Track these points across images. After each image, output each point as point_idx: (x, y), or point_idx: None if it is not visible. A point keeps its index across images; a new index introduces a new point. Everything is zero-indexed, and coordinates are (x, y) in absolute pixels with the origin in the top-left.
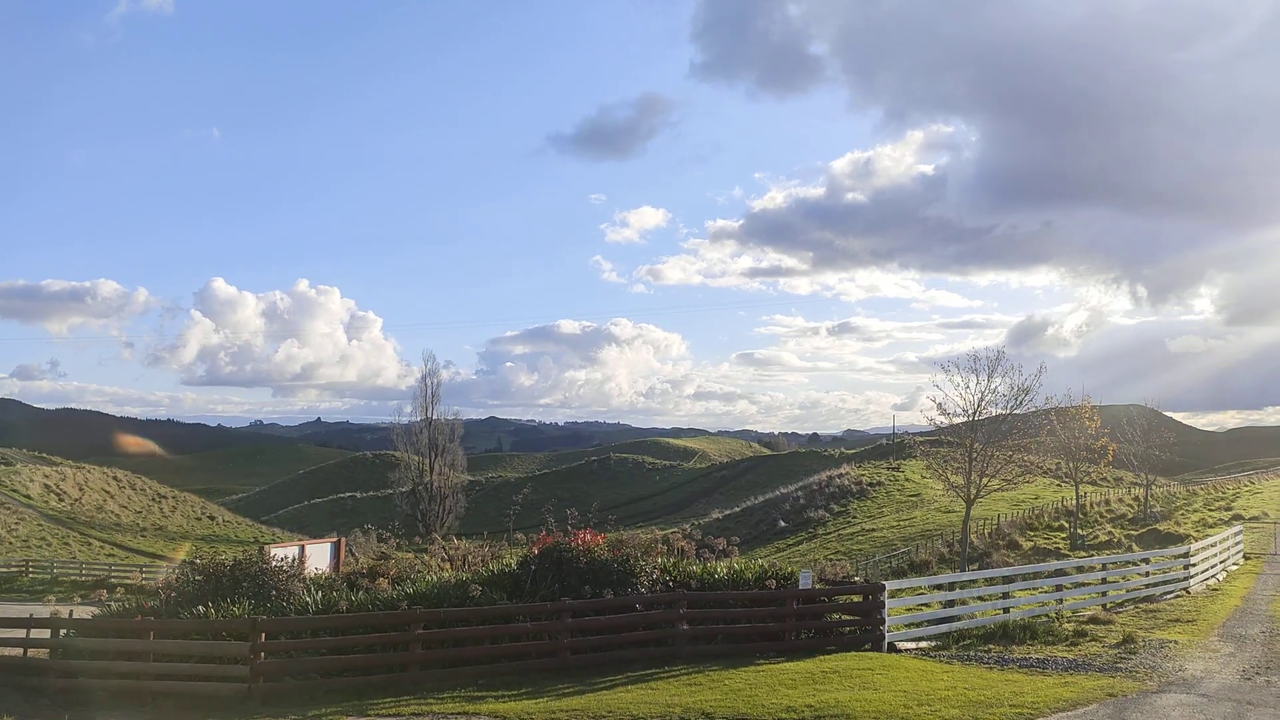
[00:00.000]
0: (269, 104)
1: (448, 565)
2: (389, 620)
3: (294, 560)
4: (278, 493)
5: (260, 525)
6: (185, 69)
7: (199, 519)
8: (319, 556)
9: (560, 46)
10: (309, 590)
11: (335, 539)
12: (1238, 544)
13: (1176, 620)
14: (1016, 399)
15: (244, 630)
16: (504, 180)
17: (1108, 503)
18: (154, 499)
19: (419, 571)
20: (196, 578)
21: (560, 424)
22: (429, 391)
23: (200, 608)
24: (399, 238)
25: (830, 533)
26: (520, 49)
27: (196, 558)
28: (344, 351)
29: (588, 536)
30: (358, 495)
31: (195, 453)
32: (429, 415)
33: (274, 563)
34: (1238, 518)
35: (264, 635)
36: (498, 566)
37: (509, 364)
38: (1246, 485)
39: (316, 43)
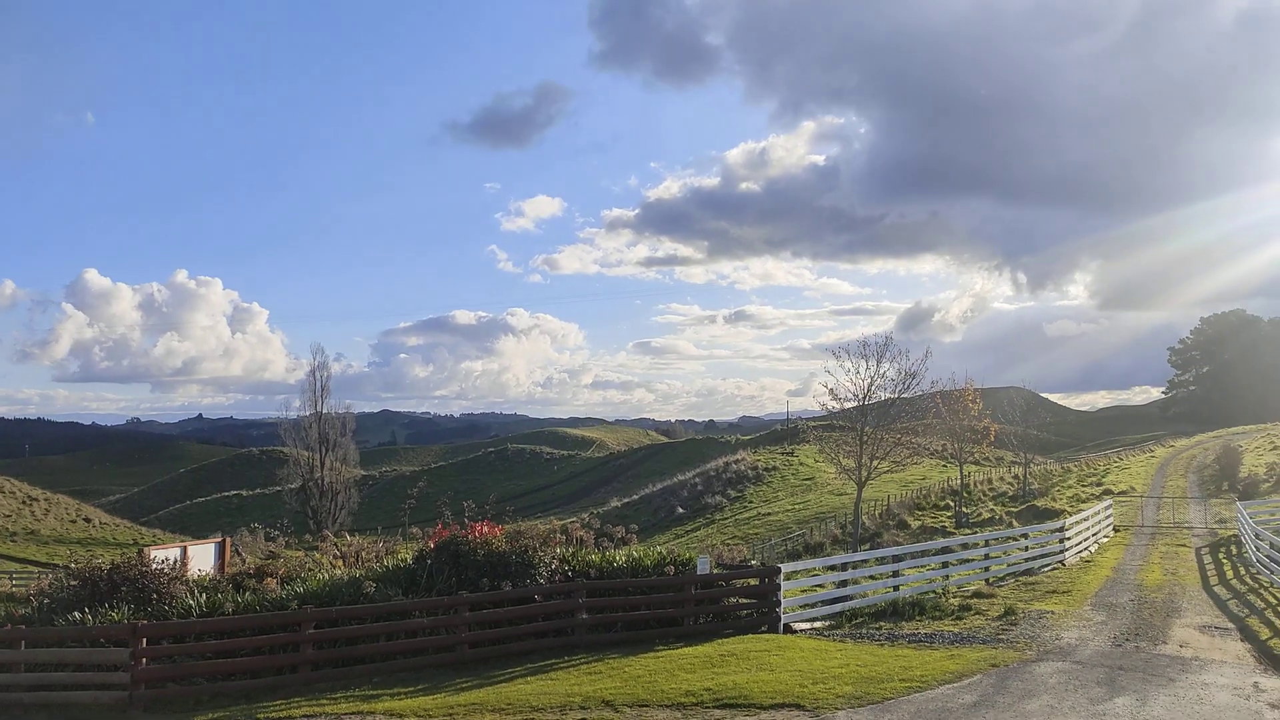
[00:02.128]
0: (147, 88)
1: (340, 563)
2: (278, 621)
3: (176, 562)
4: (158, 493)
5: (140, 527)
6: (58, 52)
7: (74, 522)
8: (203, 558)
9: (457, 34)
10: (192, 593)
11: (220, 539)
12: (1108, 517)
13: (1053, 592)
14: (904, 383)
15: (124, 636)
16: (397, 168)
17: (990, 482)
18: (24, 502)
19: (310, 570)
20: (72, 583)
21: (456, 416)
22: (318, 385)
23: (77, 614)
24: (286, 227)
25: (727, 518)
26: (416, 36)
27: (72, 562)
28: (227, 345)
29: (485, 529)
30: (244, 493)
31: (69, 453)
32: (319, 409)
33: (154, 565)
34: (1108, 493)
35: (145, 640)
36: (392, 562)
37: (403, 356)
38: (1116, 462)
39: (202, 26)
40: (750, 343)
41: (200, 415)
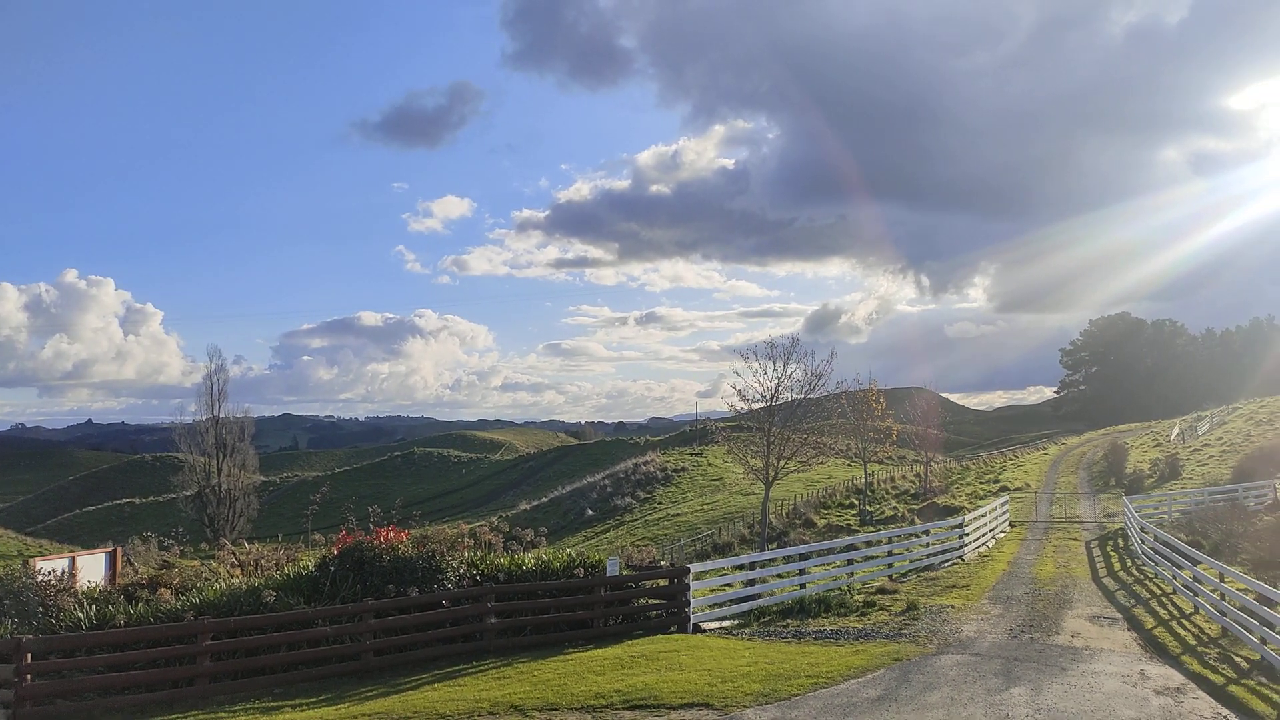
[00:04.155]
0: (33, 78)
1: (239, 571)
2: (173, 633)
3: (64, 574)
4: (45, 501)
5: (25, 537)
6: None
7: None
8: (92, 568)
9: (368, 30)
10: (82, 605)
11: (111, 549)
12: (1004, 513)
13: (953, 586)
14: (810, 384)
15: (7, 652)
16: (303, 166)
17: (893, 480)
18: None
19: (207, 579)
20: None
21: (361, 419)
22: (215, 388)
23: None
24: (183, 226)
25: (637, 519)
26: (325, 31)
27: None
28: (120, 347)
29: (391, 534)
30: (136, 501)
31: None
32: (216, 414)
33: (40, 577)
34: (1005, 489)
35: (30, 656)
36: (294, 570)
37: (306, 358)
38: (1012, 459)
39: (95, 13)
40: (660, 344)
41: (90, 420)
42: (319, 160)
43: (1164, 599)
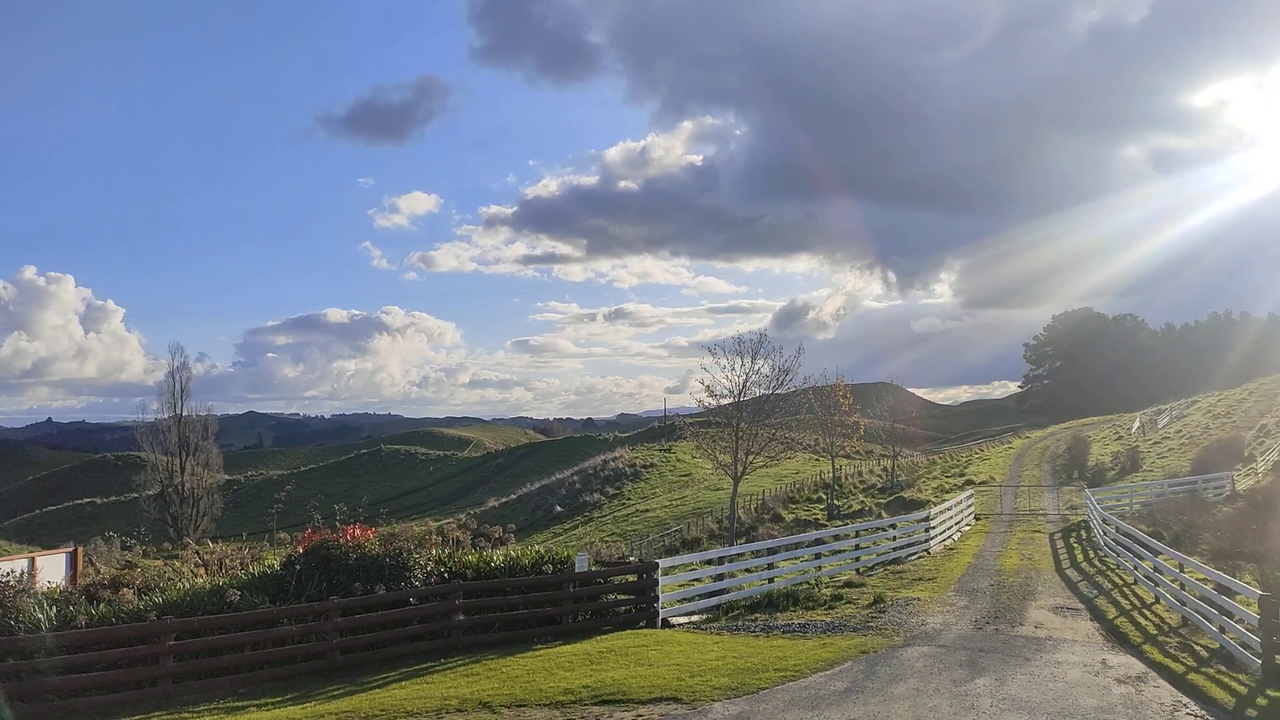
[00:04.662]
0: None
1: (203, 571)
2: (135, 633)
3: (23, 574)
4: (3, 501)
5: None
6: None
7: None
8: (53, 569)
9: (334, 24)
10: (41, 606)
11: (72, 549)
12: (970, 506)
13: (920, 579)
14: (778, 379)
15: None
16: (267, 161)
17: (860, 474)
18: None
19: (170, 579)
20: None
21: (327, 417)
22: (178, 386)
23: None
24: (145, 222)
25: (606, 515)
26: (289, 23)
27: None
28: (80, 345)
29: (357, 532)
30: (98, 501)
31: None
32: (178, 412)
33: None
34: (970, 483)
35: None
36: (259, 569)
37: (271, 355)
38: (977, 453)
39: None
40: (629, 340)
41: (50, 419)
42: (283, 155)
43: (1125, 589)
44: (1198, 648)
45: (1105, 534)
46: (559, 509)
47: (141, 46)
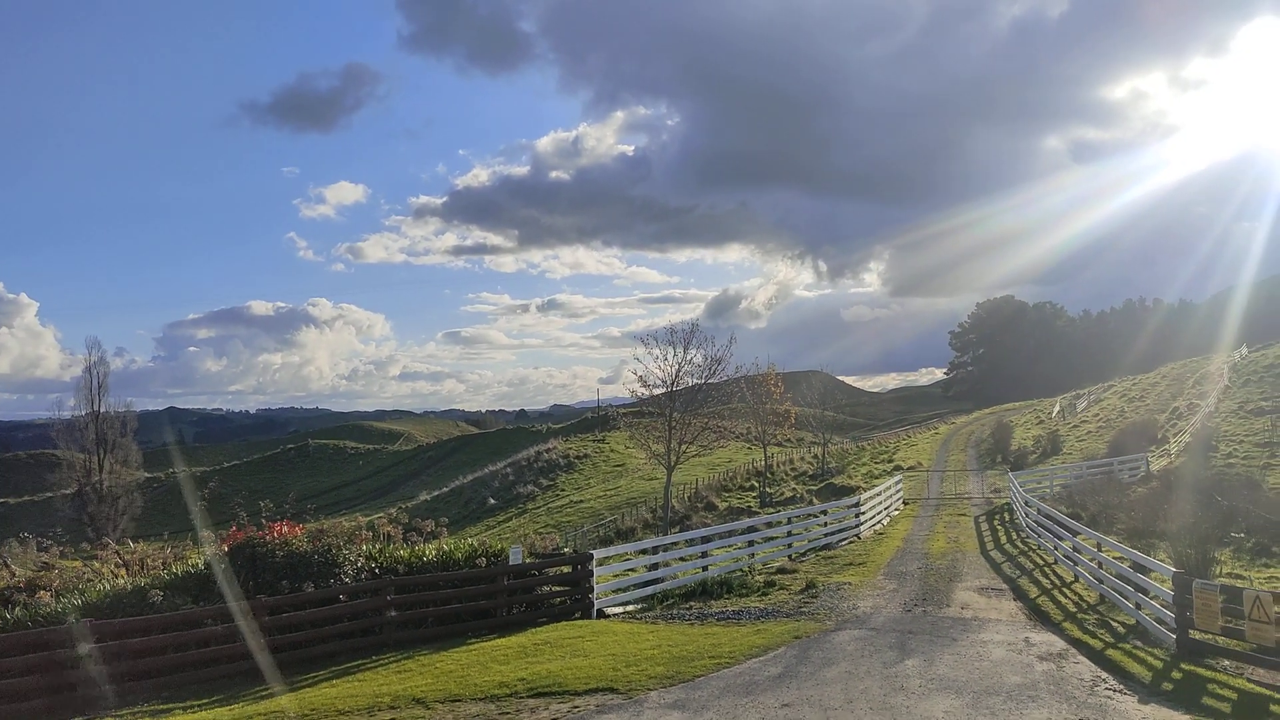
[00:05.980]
0: None
1: (124, 571)
2: (52, 638)
3: None
4: None
5: None
6: None
7: None
8: None
9: (256, 6)
10: None
11: None
12: (899, 492)
13: (850, 564)
14: (711, 369)
15: None
16: (188, 150)
17: (792, 462)
18: None
19: (89, 581)
20: None
21: (252, 412)
22: (95, 382)
23: None
24: (60, 213)
25: (540, 507)
26: (211, 7)
27: None
28: None
29: (285, 529)
30: (10, 501)
31: None
32: (95, 408)
33: None
34: (898, 469)
35: None
36: (183, 568)
37: (192, 349)
38: (905, 439)
39: None
40: (561, 331)
41: None
42: (205, 143)
43: (1046, 569)
44: (1115, 624)
45: (1027, 516)
46: (492, 501)
47: (58, 29)
